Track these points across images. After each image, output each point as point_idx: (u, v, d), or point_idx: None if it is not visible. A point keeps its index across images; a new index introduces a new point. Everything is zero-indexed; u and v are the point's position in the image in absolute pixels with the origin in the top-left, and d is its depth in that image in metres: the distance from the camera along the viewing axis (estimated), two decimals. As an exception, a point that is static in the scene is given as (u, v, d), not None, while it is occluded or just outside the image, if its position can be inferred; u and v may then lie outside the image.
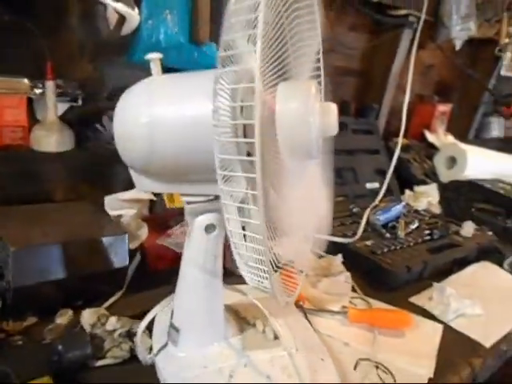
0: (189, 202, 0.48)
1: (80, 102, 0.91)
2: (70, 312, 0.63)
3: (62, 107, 0.89)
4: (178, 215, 0.94)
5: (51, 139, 0.80)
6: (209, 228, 0.49)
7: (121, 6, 0.69)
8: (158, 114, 0.43)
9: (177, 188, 0.48)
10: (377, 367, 0.60)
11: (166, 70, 0.51)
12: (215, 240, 0.50)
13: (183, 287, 0.53)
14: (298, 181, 0.45)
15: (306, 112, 0.40)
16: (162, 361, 0.53)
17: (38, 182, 0.82)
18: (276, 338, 0.58)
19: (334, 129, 0.43)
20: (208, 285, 0.52)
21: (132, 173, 0.49)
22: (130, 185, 0.92)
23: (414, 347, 0.67)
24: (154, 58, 0.48)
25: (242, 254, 0.35)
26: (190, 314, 0.53)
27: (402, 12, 1.28)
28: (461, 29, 1.30)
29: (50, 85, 0.80)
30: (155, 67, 0.48)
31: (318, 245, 0.48)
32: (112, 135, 1.00)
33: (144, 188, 0.49)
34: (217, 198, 0.48)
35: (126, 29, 0.72)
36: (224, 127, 0.36)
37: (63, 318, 0.62)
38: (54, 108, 0.82)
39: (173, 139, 0.42)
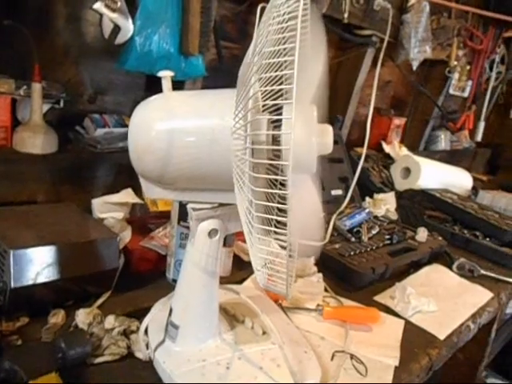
0: (194, 209, 0.53)
1: (62, 104, 0.92)
2: (62, 312, 0.65)
3: (43, 108, 0.90)
4: (159, 219, 0.97)
5: (37, 141, 0.80)
6: (212, 233, 0.54)
7: (117, 17, 0.72)
8: (177, 127, 0.47)
9: (186, 196, 0.52)
10: (351, 358, 0.67)
11: (154, 77, 0.54)
12: (216, 244, 0.54)
13: (184, 287, 0.57)
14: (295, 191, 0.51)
15: (310, 133, 0.46)
16: (161, 356, 0.57)
17: (20, 183, 0.82)
18: (264, 333, 0.64)
19: (330, 147, 0.49)
20: (207, 284, 0.56)
21: (142, 181, 0.52)
22: (110, 188, 0.94)
23: (381, 340, 0.75)
24: (166, 75, 0.51)
25: (258, 257, 0.40)
26: (189, 311, 0.57)
27: (367, 32, 1.39)
28: (418, 51, 1.43)
29: (36, 87, 0.80)
30: (167, 84, 0.51)
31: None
32: (94, 138, 1.01)
33: (153, 195, 0.53)
34: (221, 205, 0.53)
35: (120, 38, 0.75)
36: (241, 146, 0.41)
37: (57, 317, 0.64)
38: (39, 110, 0.82)
39: (190, 152, 0.46)
